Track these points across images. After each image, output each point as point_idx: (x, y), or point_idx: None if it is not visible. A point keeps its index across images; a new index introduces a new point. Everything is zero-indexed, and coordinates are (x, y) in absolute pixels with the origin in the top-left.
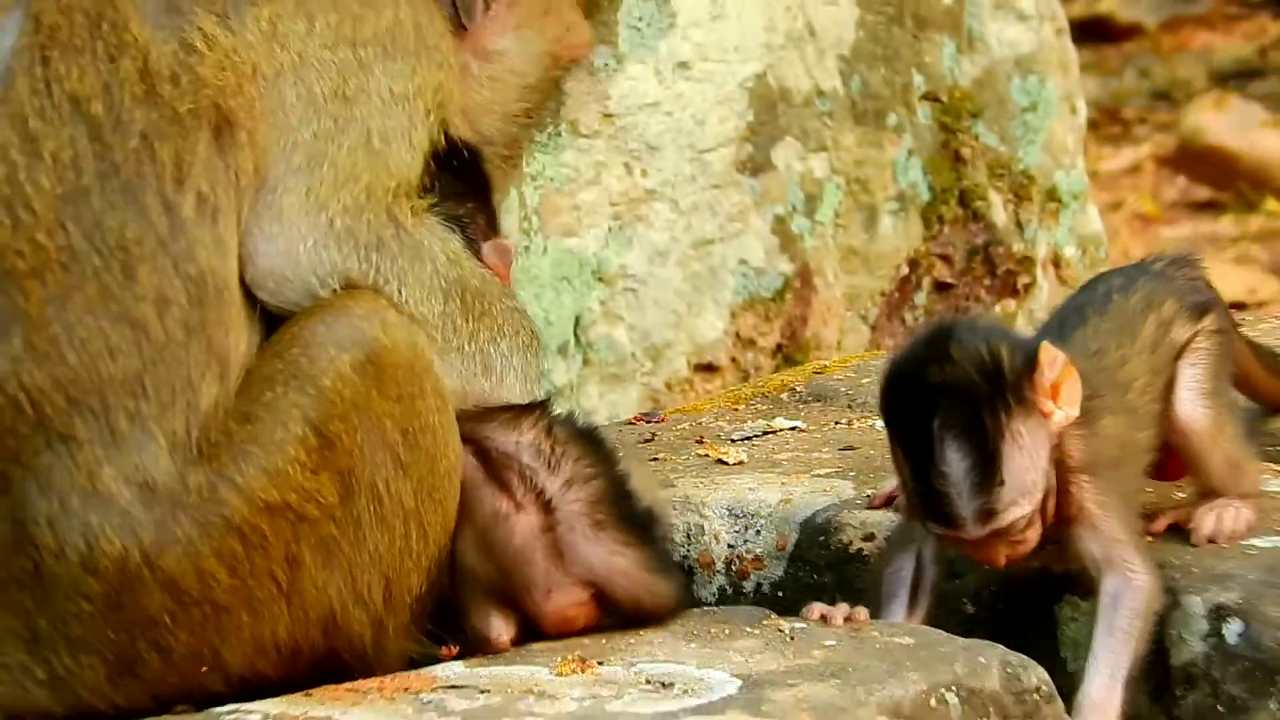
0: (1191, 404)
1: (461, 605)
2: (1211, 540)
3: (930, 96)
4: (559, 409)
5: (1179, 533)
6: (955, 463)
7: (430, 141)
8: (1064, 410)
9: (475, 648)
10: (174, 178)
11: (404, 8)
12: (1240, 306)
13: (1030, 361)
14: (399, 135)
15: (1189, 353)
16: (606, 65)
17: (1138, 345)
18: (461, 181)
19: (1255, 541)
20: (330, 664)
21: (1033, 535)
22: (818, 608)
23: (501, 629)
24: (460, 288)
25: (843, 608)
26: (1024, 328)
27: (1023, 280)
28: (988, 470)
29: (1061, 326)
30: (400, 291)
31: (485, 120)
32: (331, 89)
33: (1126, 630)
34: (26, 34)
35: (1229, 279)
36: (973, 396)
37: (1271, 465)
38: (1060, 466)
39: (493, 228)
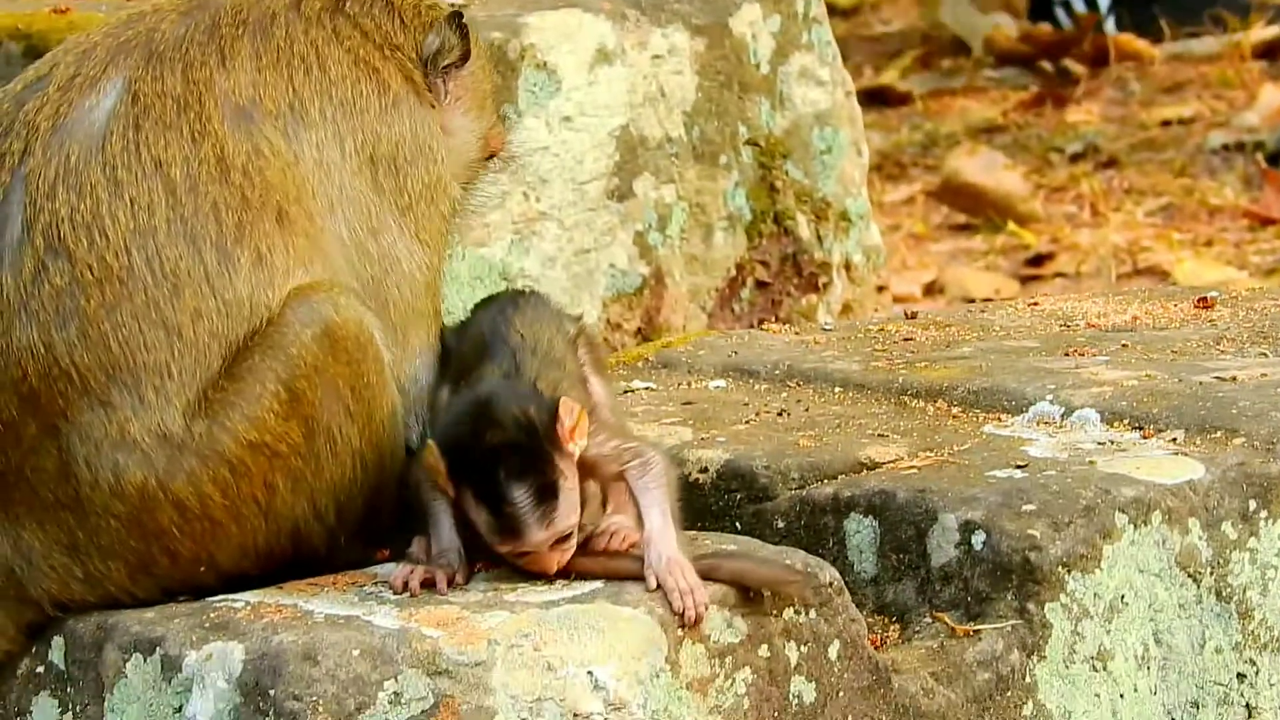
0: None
1: None
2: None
3: (752, 142)
4: None
5: (942, 466)
6: (523, 497)
7: (453, 211)
8: (579, 443)
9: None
10: (234, 238)
11: (406, 120)
12: (989, 300)
13: (553, 413)
14: (431, 243)
15: (579, 344)
16: (509, 118)
17: (559, 347)
18: None
19: (995, 472)
20: (296, 565)
21: (575, 540)
22: (399, 576)
23: None
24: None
25: (418, 571)
26: (822, 317)
27: (822, 280)
28: (546, 498)
29: (518, 368)
30: None
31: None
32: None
33: (656, 485)
34: (124, 102)
35: (981, 282)
36: (524, 450)
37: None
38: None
39: None
